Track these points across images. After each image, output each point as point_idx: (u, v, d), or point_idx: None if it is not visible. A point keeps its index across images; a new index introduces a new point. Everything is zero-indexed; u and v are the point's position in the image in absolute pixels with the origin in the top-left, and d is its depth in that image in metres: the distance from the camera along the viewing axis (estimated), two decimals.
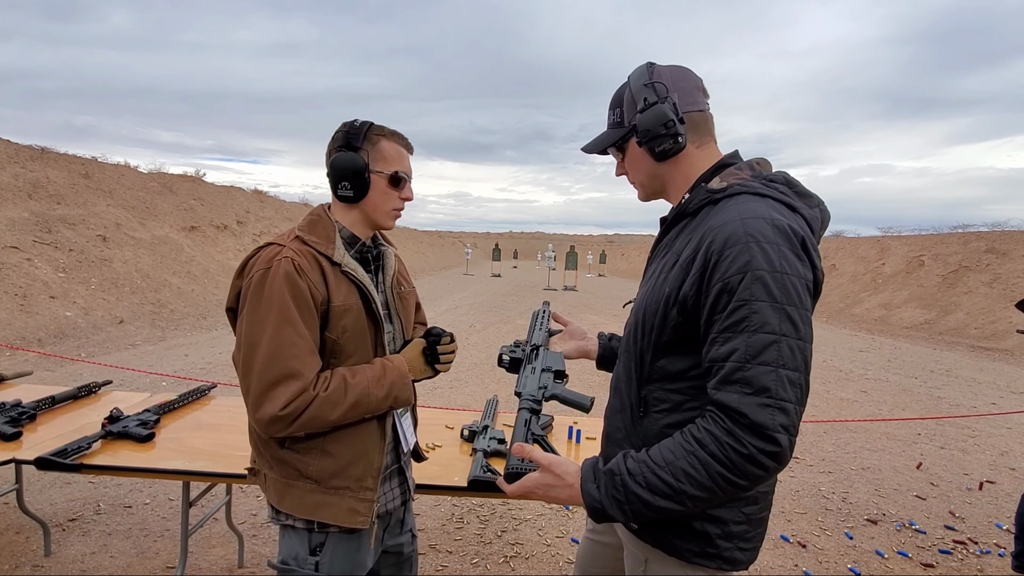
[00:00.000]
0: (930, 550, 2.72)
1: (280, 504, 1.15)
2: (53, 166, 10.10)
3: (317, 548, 1.17)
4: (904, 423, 4.83)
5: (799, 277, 0.83)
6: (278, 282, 1.07)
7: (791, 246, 0.84)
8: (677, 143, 0.97)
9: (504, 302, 13.47)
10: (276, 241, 1.15)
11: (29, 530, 2.44)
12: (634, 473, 0.85)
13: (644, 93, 0.98)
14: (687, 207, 0.99)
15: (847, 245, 18.08)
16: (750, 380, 0.80)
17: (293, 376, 1.06)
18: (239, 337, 1.10)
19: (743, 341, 0.81)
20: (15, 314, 6.53)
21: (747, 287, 0.82)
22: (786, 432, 0.79)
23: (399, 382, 1.19)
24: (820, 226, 0.96)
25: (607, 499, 0.86)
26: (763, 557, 2.58)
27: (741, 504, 0.94)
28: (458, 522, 2.77)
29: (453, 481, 1.63)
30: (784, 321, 0.81)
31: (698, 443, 0.82)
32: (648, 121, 0.96)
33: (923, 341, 10.29)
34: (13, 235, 7.85)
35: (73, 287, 7.74)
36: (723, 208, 0.91)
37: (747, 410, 0.79)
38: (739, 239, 0.84)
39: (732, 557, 0.95)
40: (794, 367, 0.81)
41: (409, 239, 32.03)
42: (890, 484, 3.49)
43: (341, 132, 1.19)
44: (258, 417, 1.06)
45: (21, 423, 1.80)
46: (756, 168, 0.98)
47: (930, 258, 14.12)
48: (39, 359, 5.49)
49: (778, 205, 0.89)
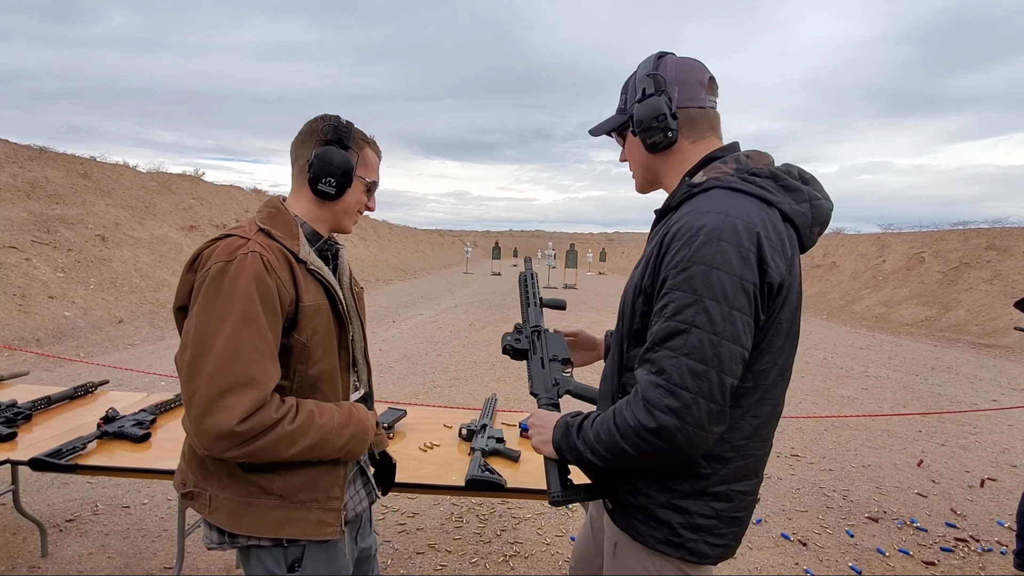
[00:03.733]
0: (931, 548, 2.71)
1: (236, 527, 1.03)
2: (52, 166, 10.09)
3: (296, 563, 1.07)
4: (905, 420, 4.82)
5: (731, 275, 0.83)
6: (244, 277, 0.96)
7: (736, 243, 0.84)
8: (667, 137, 0.98)
9: (504, 301, 13.45)
10: (236, 232, 1.03)
11: (26, 531, 2.42)
12: (583, 428, 0.97)
13: (644, 83, 0.99)
14: (671, 201, 1.00)
15: (847, 242, 18.06)
16: (654, 360, 0.86)
17: (250, 384, 0.94)
18: (186, 335, 0.96)
19: (659, 327, 0.87)
20: (13, 314, 6.52)
21: (675, 277, 0.86)
22: (673, 415, 0.83)
23: (360, 436, 1.11)
24: (811, 221, 0.95)
25: (563, 443, 0.99)
26: (764, 555, 2.57)
27: (709, 499, 0.94)
28: (457, 521, 2.76)
29: (451, 480, 1.61)
30: (699, 313, 0.83)
31: (613, 412, 0.91)
32: (642, 112, 0.98)
33: (924, 338, 10.27)
34: (11, 235, 7.83)
35: (72, 287, 7.72)
36: (692, 202, 0.93)
37: (643, 387, 0.86)
38: (685, 232, 0.87)
39: (698, 550, 0.95)
40: (700, 359, 0.83)
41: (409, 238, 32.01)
42: (891, 482, 3.48)
43: (329, 126, 1.12)
44: (203, 428, 0.92)
45: (16, 423, 1.79)
46: (743, 161, 0.97)
47: (931, 255, 14.10)
48: (38, 359, 5.48)
49: (749, 200, 0.89)
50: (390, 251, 24.44)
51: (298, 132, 1.16)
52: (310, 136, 1.13)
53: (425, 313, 10.50)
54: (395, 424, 1.96)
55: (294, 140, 1.16)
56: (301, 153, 1.13)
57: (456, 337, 7.53)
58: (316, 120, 1.14)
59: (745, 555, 2.56)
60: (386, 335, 7.85)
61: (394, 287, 15.98)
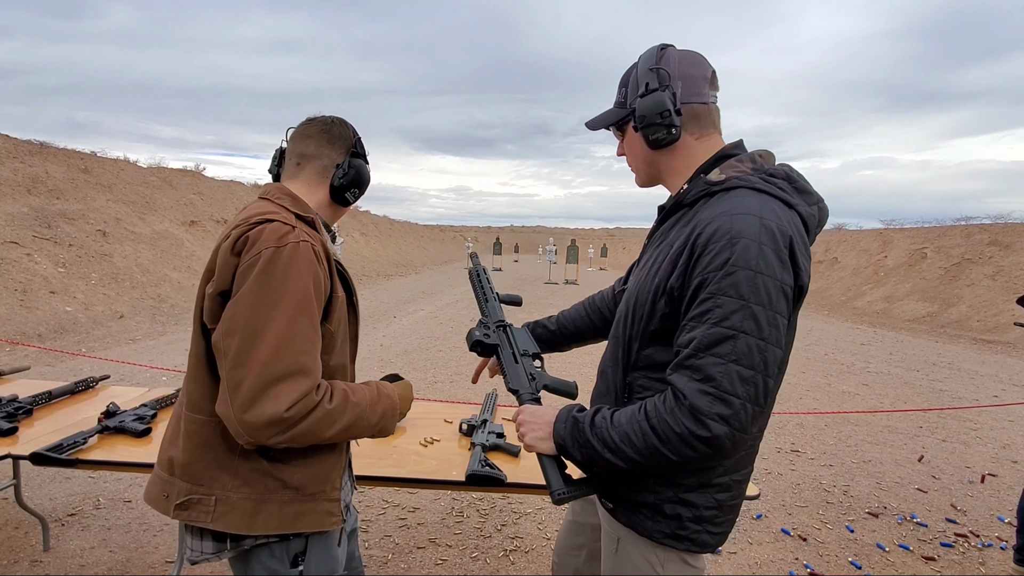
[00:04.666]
0: (931, 543, 2.71)
1: (251, 527, 0.99)
2: (52, 161, 10.08)
3: (299, 556, 1.06)
4: (906, 416, 4.82)
5: (774, 279, 0.83)
6: (299, 266, 0.95)
7: (775, 247, 0.84)
8: (671, 134, 0.96)
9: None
10: (276, 218, 0.99)
11: (28, 525, 2.43)
12: (596, 425, 0.94)
13: (647, 78, 0.97)
14: (685, 198, 0.98)
15: (849, 238, 18.03)
16: (700, 367, 0.84)
17: (303, 373, 0.93)
18: (231, 321, 0.93)
19: (702, 331, 0.85)
20: (15, 309, 6.53)
21: (719, 282, 0.84)
22: (724, 423, 0.83)
23: (390, 412, 1.11)
24: (816, 224, 0.96)
25: (569, 439, 0.96)
26: (764, 550, 2.57)
27: (713, 490, 0.96)
28: (458, 516, 2.77)
29: (452, 476, 1.61)
30: (747, 319, 0.82)
31: (646, 414, 0.89)
32: (645, 107, 0.96)
33: (925, 334, 10.26)
34: (12, 230, 7.84)
35: (73, 282, 7.73)
36: (717, 201, 0.91)
37: (689, 394, 0.84)
38: (724, 235, 0.85)
39: (701, 540, 0.98)
40: (748, 364, 0.83)
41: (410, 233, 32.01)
42: (892, 477, 3.48)
43: (356, 138, 1.19)
44: (250, 418, 0.90)
45: (17, 418, 1.80)
46: (758, 161, 0.96)
47: (933, 251, 14.07)
48: (39, 354, 5.49)
49: (774, 202, 0.89)
50: (391, 246, 24.44)
51: (307, 125, 1.17)
52: (337, 141, 1.16)
53: (426, 309, 10.50)
54: None
55: (303, 133, 1.16)
56: (325, 153, 1.15)
57: (457, 333, 7.52)
58: (337, 124, 1.17)
59: (745, 550, 2.57)
60: (387, 331, 7.85)
61: (395, 282, 15.99)
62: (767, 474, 3.45)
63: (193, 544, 1.03)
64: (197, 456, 1.00)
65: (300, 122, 1.19)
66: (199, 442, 1.00)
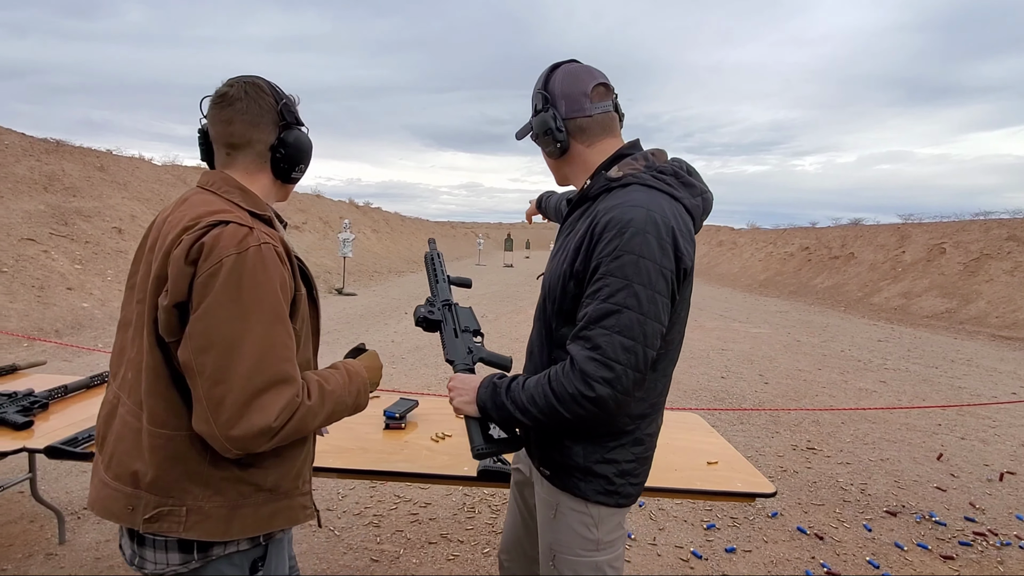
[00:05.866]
0: (950, 542, 2.66)
1: (226, 533, 0.96)
2: (68, 159, 10.22)
3: (259, 562, 1.03)
4: (924, 413, 4.74)
5: (655, 263, 0.96)
6: (265, 271, 0.91)
7: (657, 235, 0.97)
8: (559, 146, 1.12)
9: (517, 292, 13.44)
10: (230, 219, 0.93)
11: (43, 518, 2.46)
12: (511, 391, 1.08)
13: (536, 99, 1.14)
14: (588, 192, 1.12)
15: (866, 233, 17.78)
16: (590, 338, 0.98)
17: (286, 381, 0.91)
18: (202, 336, 0.88)
19: (593, 307, 0.99)
20: (33, 305, 6.62)
21: (608, 264, 0.97)
22: (607, 385, 0.96)
23: (363, 389, 1.10)
24: (701, 213, 1.11)
25: (489, 401, 1.10)
26: (779, 548, 2.54)
27: (630, 445, 1.10)
28: (469, 511, 2.76)
29: (464, 471, 1.60)
30: (630, 296, 0.96)
31: (548, 378, 1.03)
32: (536, 125, 1.13)
33: (944, 330, 10.10)
34: (30, 227, 7.95)
35: (89, 279, 7.83)
36: (614, 195, 1.05)
37: (580, 360, 0.98)
38: (615, 224, 0.98)
39: (626, 491, 1.12)
40: (630, 336, 0.96)
41: (421, 230, 32.07)
42: (910, 475, 3.43)
43: (284, 106, 1.06)
44: (237, 433, 0.87)
45: (33, 412, 1.81)
46: (651, 159, 1.09)
47: (951, 246, 13.84)
48: (56, 349, 5.57)
49: (661, 196, 1.03)
50: (402, 243, 24.51)
51: (221, 109, 1.03)
52: (261, 120, 1.04)
53: None
54: (407, 414, 1.95)
55: (221, 118, 1.03)
56: (253, 138, 1.04)
57: None
58: (252, 97, 1.03)
59: (761, 548, 2.54)
60: (398, 326, 7.87)
61: (406, 279, 16.04)
62: (782, 472, 3.41)
63: (157, 557, 0.97)
64: (165, 470, 0.95)
65: (212, 97, 1.05)
66: (165, 456, 0.95)
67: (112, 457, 1.00)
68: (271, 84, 1.08)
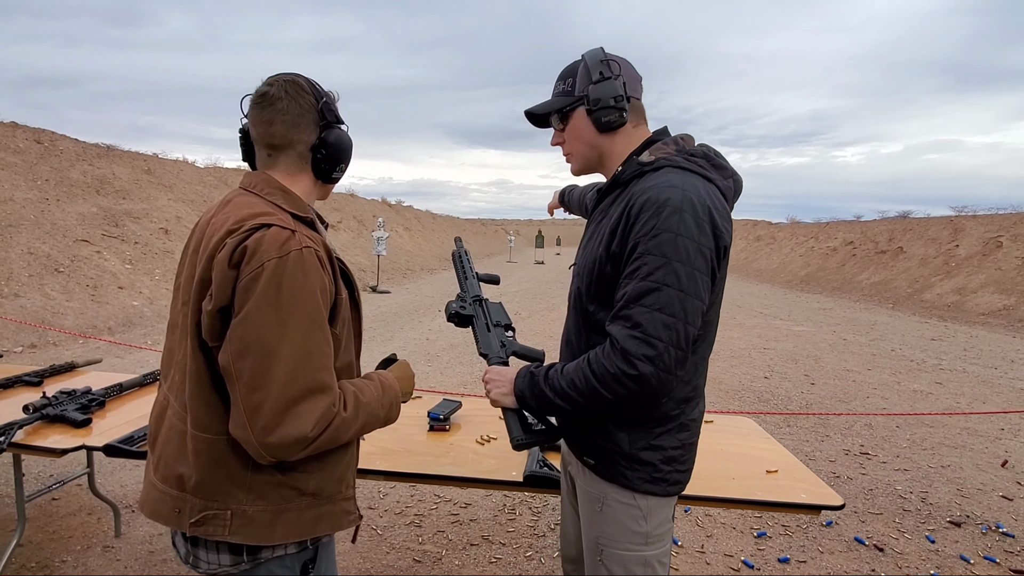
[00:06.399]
0: (1019, 555, 2.50)
1: (270, 538, 0.96)
2: (118, 163, 10.63)
3: (309, 564, 1.03)
4: (985, 417, 4.48)
5: (693, 241, 0.96)
6: (305, 276, 0.90)
7: (694, 214, 0.97)
8: (621, 117, 1.10)
9: (549, 289, 13.37)
10: (273, 222, 0.93)
11: (100, 512, 2.54)
12: (549, 378, 1.07)
13: (600, 68, 1.10)
14: (621, 177, 1.12)
15: (915, 226, 17.00)
16: (630, 316, 0.98)
17: (323, 390, 0.90)
18: (241, 340, 0.88)
19: (632, 286, 0.98)
20: (87, 304, 6.91)
21: (646, 243, 0.97)
22: (649, 363, 0.95)
23: (395, 401, 1.09)
24: (733, 194, 1.11)
25: (527, 390, 1.10)
26: (836, 559, 2.42)
27: (675, 431, 1.09)
28: (510, 513, 2.73)
29: (510, 476, 1.57)
30: (669, 274, 0.95)
31: (588, 361, 1.02)
32: (601, 91, 1.08)
33: (1002, 328, 9.56)
34: (84, 229, 8.30)
35: (139, 278, 8.13)
36: (648, 179, 1.05)
37: (620, 339, 0.97)
38: (652, 205, 0.98)
39: (674, 479, 1.10)
40: (670, 312, 0.95)
41: (452, 227, 32.26)
42: (973, 483, 3.24)
43: (324, 105, 1.04)
44: (273, 440, 0.87)
45: (91, 410, 1.86)
46: (680, 143, 1.10)
47: (1008, 239, 13.10)
48: (109, 347, 5.79)
49: (695, 177, 1.03)
50: (434, 240, 24.70)
51: (262, 109, 1.02)
52: (302, 120, 1.03)
53: None
54: (451, 416, 1.93)
55: (262, 119, 1.02)
56: (294, 139, 1.03)
57: None
58: (292, 96, 1.01)
59: (816, 559, 2.43)
60: (432, 324, 7.91)
61: (439, 276, 16.14)
62: (835, 478, 3.26)
63: (209, 557, 0.99)
64: (209, 474, 0.96)
65: (252, 97, 1.04)
66: (209, 460, 0.95)
67: (160, 459, 1.02)
68: (311, 82, 1.06)
